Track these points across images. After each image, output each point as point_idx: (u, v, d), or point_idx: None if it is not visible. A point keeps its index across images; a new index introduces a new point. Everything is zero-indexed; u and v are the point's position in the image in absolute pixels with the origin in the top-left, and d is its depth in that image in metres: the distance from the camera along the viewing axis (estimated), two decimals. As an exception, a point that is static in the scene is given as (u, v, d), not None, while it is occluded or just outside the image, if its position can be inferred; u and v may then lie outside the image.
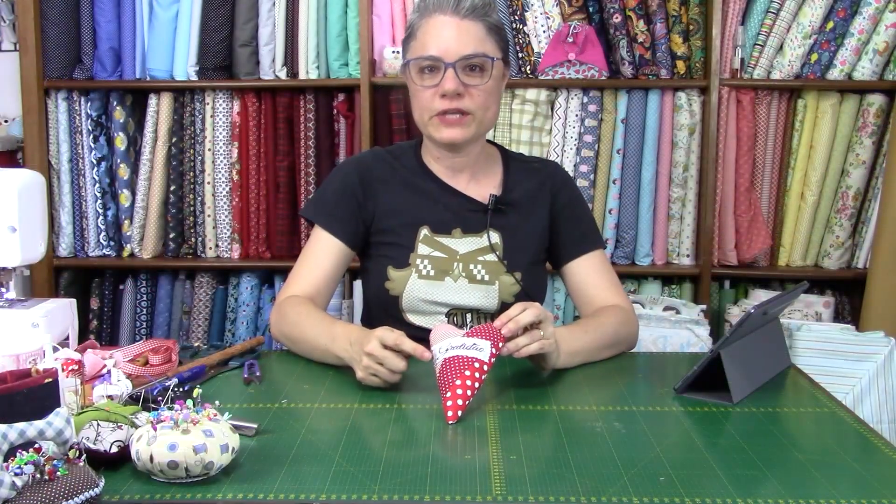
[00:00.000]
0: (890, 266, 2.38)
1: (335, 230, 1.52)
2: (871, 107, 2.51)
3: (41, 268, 2.59)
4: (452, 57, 1.41)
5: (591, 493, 0.89)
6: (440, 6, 1.43)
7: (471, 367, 1.14)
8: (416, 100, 1.48)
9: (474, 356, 1.15)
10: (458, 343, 1.18)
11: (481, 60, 1.43)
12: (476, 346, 1.17)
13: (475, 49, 1.42)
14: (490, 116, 1.50)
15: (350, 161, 1.61)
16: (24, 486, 0.78)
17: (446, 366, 1.16)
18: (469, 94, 1.43)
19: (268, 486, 0.90)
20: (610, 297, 1.54)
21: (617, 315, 1.49)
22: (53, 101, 2.61)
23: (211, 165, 2.62)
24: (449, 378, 1.14)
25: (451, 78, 1.41)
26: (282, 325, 1.45)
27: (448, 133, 1.46)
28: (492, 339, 1.18)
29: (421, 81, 1.45)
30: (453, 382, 1.13)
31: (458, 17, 1.42)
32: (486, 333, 1.19)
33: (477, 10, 1.43)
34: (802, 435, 1.09)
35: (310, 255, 1.53)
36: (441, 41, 1.42)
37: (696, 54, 2.52)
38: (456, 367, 1.15)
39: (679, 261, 2.61)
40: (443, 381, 1.14)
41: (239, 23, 2.55)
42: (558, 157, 2.55)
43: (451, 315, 1.51)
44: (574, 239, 1.58)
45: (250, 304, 2.66)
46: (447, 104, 1.43)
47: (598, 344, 1.42)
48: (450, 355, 1.17)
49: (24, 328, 1.21)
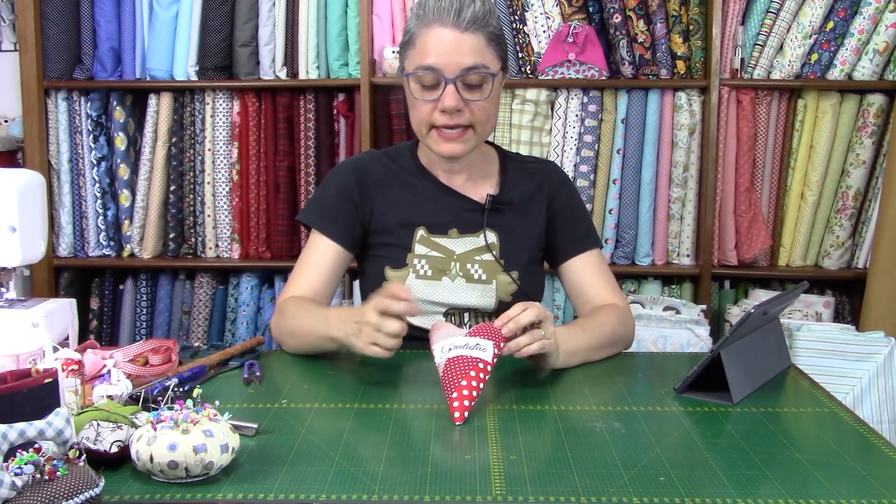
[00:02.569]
0: (890, 266, 2.38)
1: (333, 234, 1.52)
2: (871, 107, 2.51)
3: (41, 268, 2.59)
4: (452, 72, 1.38)
5: (591, 493, 0.89)
6: (440, 17, 1.39)
7: (475, 368, 1.14)
8: (415, 111, 1.46)
9: (478, 356, 1.15)
10: (460, 343, 1.18)
11: (482, 77, 1.40)
12: (479, 346, 1.17)
13: (475, 61, 1.39)
14: (490, 127, 1.49)
15: (346, 163, 1.61)
16: (24, 486, 0.78)
17: (450, 366, 1.16)
18: (469, 110, 1.42)
19: (268, 486, 0.90)
20: (607, 296, 1.54)
21: (614, 315, 1.49)
22: (53, 101, 2.62)
23: (211, 165, 2.62)
24: (454, 379, 1.14)
25: (451, 94, 1.39)
26: (281, 324, 1.45)
27: (447, 148, 1.45)
28: (493, 339, 1.18)
29: (421, 95, 1.42)
30: (459, 383, 1.13)
31: (458, 31, 1.38)
32: (487, 333, 1.19)
33: (478, 21, 1.39)
34: (802, 435, 1.09)
35: (308, 258, 1.53)
36: (441, 55, 1.38)
37: (696, 54, 2.52)
38: (460, 367, 1.15)
39: (679, 261, 2.61)
40: (448, 382, 1.14)
41: (239, 23, 2.55)
42: (558, 157, 2.55)
43: (449, 315, 1.51)
44: (572, 238, 1.58)
45: (250, 304, 2.66)
46: (447, 120, 1.42)
47: (595, 343, 1.42)
48: (453, 355, 1.17)
49: (24, 328, 1.21)
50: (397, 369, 1.35)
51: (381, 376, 1.31)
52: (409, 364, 1.38)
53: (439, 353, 1.20)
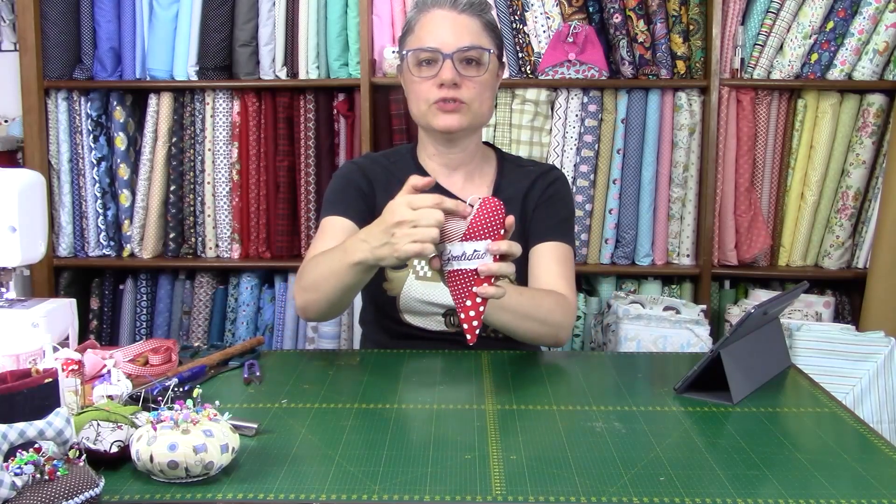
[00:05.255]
0: (890, 266, 2.38)
1: (345, 212, 1.52)
2: (872, 107, 2.51)
3: (41, 268, 2.59)
4: (450, 49, 1.45)
5: (591, 493, 0.89)
6: (438, 1, 1.47)
7: (477, 282, 1.15)
8: (414, 92, 1.51)
9: (475, 267, 1.15)
10: (458, 252, 1.15)
11: (478, 53, 1.46)
12: (476, 252, 1.15)
13: (472, 42, 1.46)
14: (484, 110, 1.51)
15: (348, 163, 1.63)
16: (24, 486, 0.78)
17: (453, 282, 1.17)
18: (465, 85, 1.47)
19: (268, 486, 0.90)
20: (560, 284, 1.50)
21: (557, 299, 1.46)
22: (53, 101, 2.62)
23: (211, 165, 2.62)
24: (459, 298, 1.16)
25: (448, 68, 1.45)
26: (302, 283, 1.41)
27: (445, 120, 1.47)
28: (491, 234, 1.15)
29: (419, 73, 1.48)
30: (464, 304, 1.16)
31: (455, 12, 1.47)
32: (483, 226, 1.15)
33: (474, 7, 1.48)
34: (802, 435, 1.09)
35: (322, 236, 1.51)
36: (439, 34, 1.46)
37: (696, 54, 2.52)
38: (461, 284, 1.16)
39: (679, 261, 2.61)
40: (454, 299, 1.17)
41: (239, 23, 2.55)
42: (558, 157, 2.55)
43: (448, 315, 1.52)
44: (546, 226, 1.56)
45: (250, 304, 2.66)
46: (444, 93, 1.46)
47: (527, 311, 1.39)
48: (453, 268, 1.16)
49: (24, 328, 1.21)
50: (397, 369, 1.35)
51: (381, 376, 1.31)
52: (409, 364, 1.38)
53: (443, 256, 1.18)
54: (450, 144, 1.54)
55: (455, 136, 1.51)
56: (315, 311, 1.40)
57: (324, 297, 1.36)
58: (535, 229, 1.56)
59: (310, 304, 1.40)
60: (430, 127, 1.51)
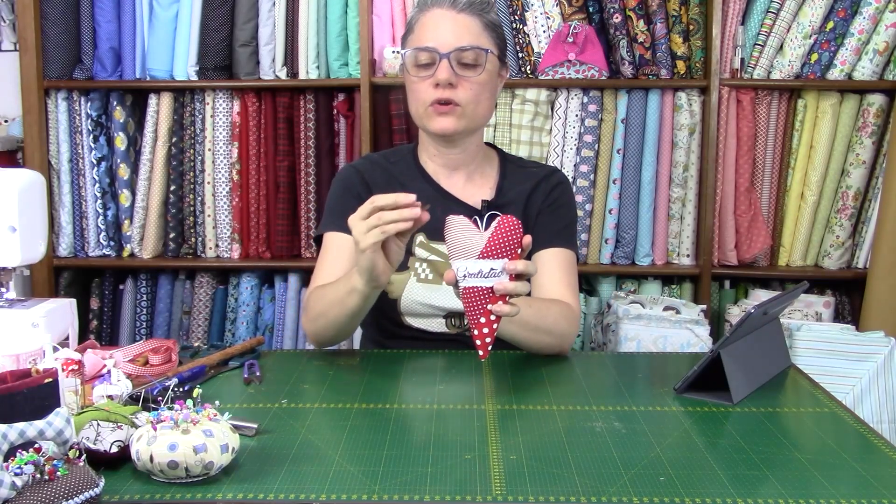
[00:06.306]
0: (890, 266, 2.38)
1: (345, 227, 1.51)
2: (872, 107, 2.51)
3: (41, 268, 2.59)
4: (447, 48, 1.43)
5: (591, 493, 0.89)
6: (437, 1, 1.46)
7: (492, 300, 1.16)
8: (412, 92, 1.50)
9: (491, 284, 1.16)
10: (475, 269, 1.16)
11: (475, 54, 1.45)
12: (493, 270, 1.16)
13: (470, 41, 1.44)
14: (481, 112, 1.50)
15: (347, 167, 1.63)
16: (24, 486, 0.78)
17: (467, 298, 1.17)
18: (461, 86, 1.45)
19: (268, 486, 0.90)
20: (564, 293, 1.51)
21: (563, 309, 1.46)
22: (53, 100, 2.62)
23: (211, 165, 2.62)
24: (473, 315, 1.17)
25: (444, 68, 1.43)
26: (309, 312, 1.45)
27: (440, 123, 1.47)
28: (508, 252, 1.16)
29: (416, 73, 1.47)
30: (478, 321, 1.16)
31: (454, 11, 1.45)
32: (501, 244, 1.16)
33: (474, 6, 1.46)
34: (802, 435, 1.09)
35: (325, 256, 1.52)
36: (437, 33, 1.45)
37: (696, 54, 2.52)
38: (476, 301, 1.16)
39: (679, 261, 2.61)
40: (468, 316, 1.18)
41: (239, 23, 2.55)
42: (558, 157, 2.55)
43: (449, 318, 1.52)
44: (550, 232, 1.55)
45: (250, 304, 2.66)
46: (440, 93, 1.45)
47: (534, 324, 1.39)
48: (468, 285, 1.17)
49: (24, 328, 1.21)
50: (397, 369, 1.36)
51: (381, 376, 1.31)
52: (409, 364, 1.38)
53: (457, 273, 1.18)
54: (449, 145, 1.53)
55: (454, 138, 1.50)
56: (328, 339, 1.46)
57: (334, 322, 1.42)
58: (538, 235, 1.56)
59: (320, 334, 1.46)
60: (427, 129, 1.50)
